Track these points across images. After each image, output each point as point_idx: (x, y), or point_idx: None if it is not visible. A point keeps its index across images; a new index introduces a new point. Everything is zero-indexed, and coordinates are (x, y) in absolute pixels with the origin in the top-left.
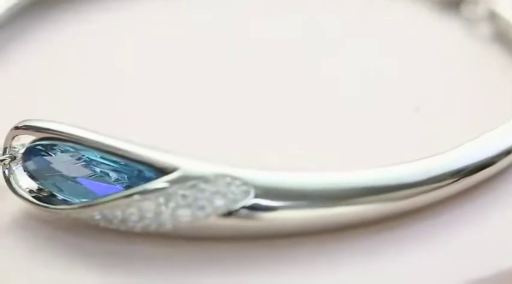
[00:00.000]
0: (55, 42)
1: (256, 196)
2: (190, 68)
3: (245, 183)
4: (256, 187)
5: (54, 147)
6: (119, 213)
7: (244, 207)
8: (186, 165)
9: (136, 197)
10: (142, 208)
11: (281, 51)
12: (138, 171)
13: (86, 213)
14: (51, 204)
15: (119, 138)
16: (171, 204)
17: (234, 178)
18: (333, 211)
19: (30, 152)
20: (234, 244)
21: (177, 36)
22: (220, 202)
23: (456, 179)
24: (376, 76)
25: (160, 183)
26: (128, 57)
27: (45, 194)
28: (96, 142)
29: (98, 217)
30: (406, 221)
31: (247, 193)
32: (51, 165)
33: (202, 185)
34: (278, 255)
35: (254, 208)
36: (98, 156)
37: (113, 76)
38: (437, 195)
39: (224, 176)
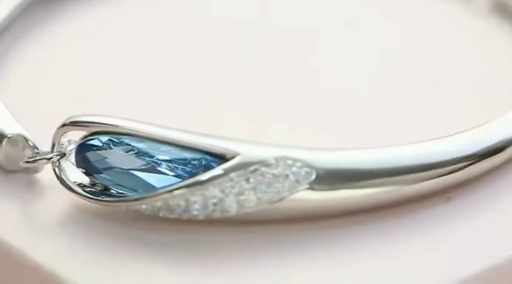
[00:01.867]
0: (55, 40)
1: (317, 177)
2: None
3: (306, 164)
4: (317, 167)
5: (107, 141)
6: (182, 203)
7: (306, 188)
8: (247, 150)
9: (200, 185)
10: (207, 195)
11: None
12: (196, 160)
13: (148, 204)
14: (108, 198)
15: (174, 127)
16: (235, 190)
17: (295, 160)
18: (392, 188)
19: (82, 147)
20: (293, 226)
21: (176, 28)
22: (283, 185)
23: (467, 164)
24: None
25: (223, 169)
26: (131, 50)
27: (99, 188)
28: (153, 133)
29: (159, 207)
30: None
31: (309, 174)
32: (106, 159)
33: (264, 169)
34: (338, 235)
35: (316, 188)
36: (153, 147)
37: (119, 71)
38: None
39: (285, 158)
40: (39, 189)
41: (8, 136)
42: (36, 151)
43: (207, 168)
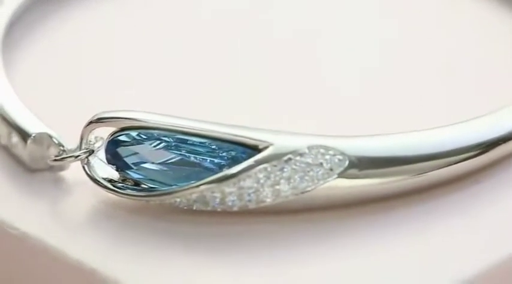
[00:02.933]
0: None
1: (350, 164)
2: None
3: (339, 152)
4: (350, 155)
5: (137, 136)
6: (217, 194)
7: (340, 176)
8: (280, 140)
9: (235, 177)
10: (242, 187)
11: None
12: (227, 151)
13: (182, 197)
14: (143, 192)
15: (206, 120)
16: (270, 180)
17: (328, 148)
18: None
19: (112, 144)
20: (327, 214)
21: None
22: (317, 173)
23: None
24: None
25: (257, 160)
26: (135, 46)
27: (129, 184)
28: (183, 126)
29: (194, 200)
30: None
31: (342, 161)
32: (136, 154)
33: (298, 158)
34: (371, 221)
35: (350, 176)
36: (183, 140)
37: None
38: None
39: (317, 147)
40: (66, 187)
41: (33, 135)
42: (61, 149)
43: (238, 159)
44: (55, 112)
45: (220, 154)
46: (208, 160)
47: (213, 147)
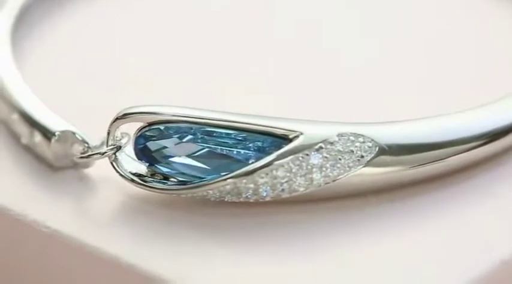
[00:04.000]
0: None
1: (380, 150)
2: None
3: (369, 139)
4: (379, 141)
5: (165, 130)
6: (251, 185)
7: (371, 162)
8: (309, 129)
9: (269, 167)
10: (275, 176)
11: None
12: (256, 142)
13: (215, 189)
14: (175, 186)
15: (234, 112)
16: (302, 169)
17: (357, 136)
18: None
19: (141, 139)
20: (358, 200)
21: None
22: (348, 160)
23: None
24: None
25: (289, 150)
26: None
27: (158, 178)
28: (212, 118)
29: (228, 191)
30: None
31: (372, 148)
32: (166, 149)
33: (329, 146)
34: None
35: (380, 161)
36: (211, 132)
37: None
38: None
39: (347, 135)
40: (92, 184)
41: (56, 133)
42: (86, 145)
43: (266, 150)
44: (66, 108)
45: (247, 145)
46: (236, 152)
47: (240, 138)
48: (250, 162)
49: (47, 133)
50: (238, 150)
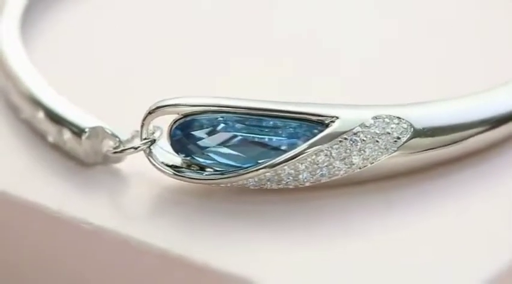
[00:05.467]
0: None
1: (415, 131)
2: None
3: (404, 120)
4: (414, 121)
5: (200, 121)
6: (292, 171)
7: (407, 143)
8: (345, 113)
9: (308, 152)
10: (316, 162)
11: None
12: (291, 128)
13: (256, 177)
14: (216, 175)
15: (267, 100)
16: (342, 153)
17: (391, 118)
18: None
19: (177, 131)
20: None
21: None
22: (385, 142)
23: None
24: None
25: (328, 134)
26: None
27: (194, 169)
28: (247, 107)
29: (268, 179)
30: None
31: (407, 129)
32: (202, 140)
33: (366, 129)
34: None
35: (416, 142)
36: (246, 121)
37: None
38: None
39: (382, 117)
40: (125, 179)
41: (87, 130)
42: (118, 140)
43: (300, 135)
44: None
45: (279, 132)
46: (272, 139)
47: (275, 125)
48: (282, 148)
49: (76, 130)
50: (270, 137)
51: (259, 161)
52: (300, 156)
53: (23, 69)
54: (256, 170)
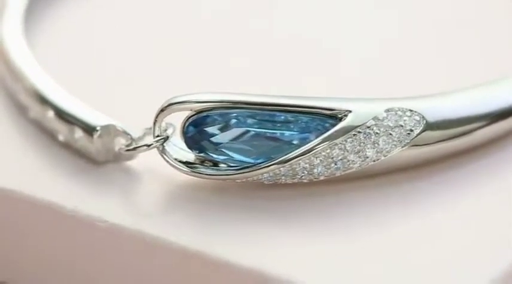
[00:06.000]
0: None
1: (427, 124)
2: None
3: (415, 113)
4: (426, 113)
5: (213, 117)
6: (306, 165)
7: (420, 135)
8: (358, 107)
9: (322, 146)
10: (330, 156)
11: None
12: (301, 123)
13: (271, 172)
14: (232, 171)
15: (281, 95)
16: (356, 147)
17: (404, 110)
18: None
19: (190, 127)
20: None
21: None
22: (398, 135)
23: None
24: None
25: (341, 128)
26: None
27: (208, 165)
28: (260, 102)
29: (283, 173)
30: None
31: (420, 121)
32: (215, 135)
33: (379, 122)
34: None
35: (428, 135)
36: (259, 116)
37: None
38: None
39: (394, 110)
40: (137, 176)
41: (99, 128)
42: (130, 138)
43: (311, 129)
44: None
45: (295, 126)
46: (284, 134)
47: (287, 119)
48: (294, 142)
49: (88, 129)
50: (282, 131)
51: (272, 156)
52: (315, 150)
53: (30, 69)
54: (272, 165)
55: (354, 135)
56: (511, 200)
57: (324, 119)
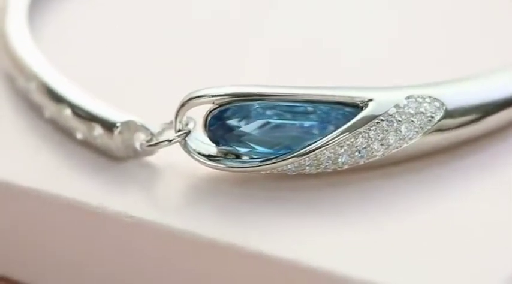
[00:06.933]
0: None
1: (447, 111)
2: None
3: (435, 99)
4: (446, 99)
5: (235, 110)
6: (331, 155)
7: (440, 122)
8: (379, 95)
9: (346, 135)
10: (354, 144)
11: None
12: (322, 113)
13: (296, 162)
14: (254, 163)
15: (302, 85)
16: (379, 135)
17: (423, 97)
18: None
19: (213, 120)
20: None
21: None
22: (420, 122)
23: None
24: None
25: (364, 117)
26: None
27: (231, 157)
28: (282, 93)
29: (309, 164)
30: None
31: (440, 108)
32: (238, 128)
33: (400, 109)
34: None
35: (449, 122)
36: (281, 108)
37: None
38: None
39: (414, 97)
40: (158, 171)
41: (118, 124)
42: (151, 133)
43: (335, 118)
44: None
45: (315, 116)
46: (304, 124)
47: (307, 110)
48: (315, 132)
49: (108, 125)
50: (303, 122)
51: (294, 147)
52: (339, 139)
53: (42, 67)
54: (297, 155)
55: (377, 123)
56: None
57: (344, 108)
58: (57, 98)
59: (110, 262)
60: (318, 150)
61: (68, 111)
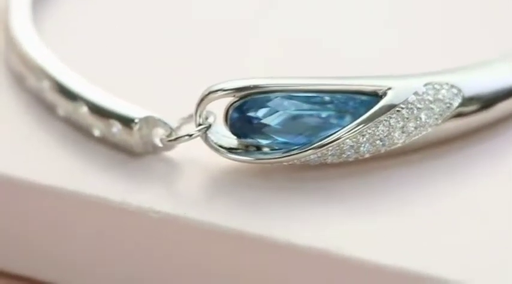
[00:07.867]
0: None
1: (465, 97)
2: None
3: (453, 86)
4: (464, 85)
5: (255, 102)
6: (353, 144)
7: (459, 108)
8: (397, 83)
9: (368, 124)
10: (375, 133)
11: None
12: (340, 103)
13: (320, 152)
14: (277, 154)
15: (321, 76)
16: (400, 122)
17: (441, 84)
18: None
19: (234, 113)
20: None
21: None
22: (439, 108)
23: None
24: None
25: (384, 105)
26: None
27: (252, 149)
28: (301, 84)
29: (331, 153)
30: None
31: (457, 94)
32: (259, 119)
33: (419, 97)
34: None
35: (467, 108)
36: (300, 99)
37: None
38: None
39: (432, 84)
40: (178, 165)
41: (136, 120)
42: (170, 128)
43: (353, 108)
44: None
45: (334, 106)
46: (322, 114)
47: (326, 100)
48: (335, 122)
49: (127, 122)
50: (322, 112)
51: (315, 136)
52: (361, 128)
53: (52, 65)
54: (319, 146)
55: (398, 111)
56: None
57: (361, 97)
58: (72, 96)
59: (131, 257)
60: (341, 140)
61: (84, 109)
